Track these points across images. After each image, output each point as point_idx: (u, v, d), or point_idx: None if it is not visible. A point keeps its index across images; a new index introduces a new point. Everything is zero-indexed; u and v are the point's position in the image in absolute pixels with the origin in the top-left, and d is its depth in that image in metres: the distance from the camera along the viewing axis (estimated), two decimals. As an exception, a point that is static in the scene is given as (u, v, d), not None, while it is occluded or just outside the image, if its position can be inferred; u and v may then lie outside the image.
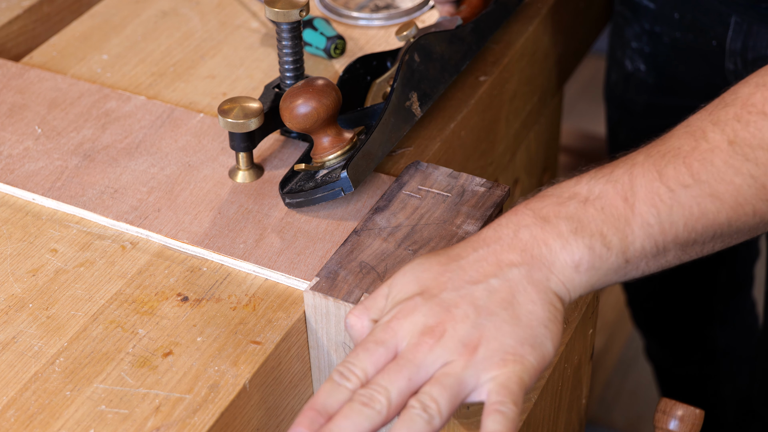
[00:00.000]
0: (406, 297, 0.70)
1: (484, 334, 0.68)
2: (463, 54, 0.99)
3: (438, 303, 0.69)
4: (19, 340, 0.78)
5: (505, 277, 0.70)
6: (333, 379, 0.67)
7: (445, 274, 0.70)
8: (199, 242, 0.85)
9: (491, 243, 0.71)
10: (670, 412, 0.93)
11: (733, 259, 1.46)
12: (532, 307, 0.69)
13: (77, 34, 1.10)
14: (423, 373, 0.67)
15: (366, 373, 0.68)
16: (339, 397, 0.67)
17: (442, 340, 0.67)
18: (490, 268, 0.70)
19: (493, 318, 0.68)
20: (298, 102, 0.85)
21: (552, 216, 0.71)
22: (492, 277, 0.70)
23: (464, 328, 0.68)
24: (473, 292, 0.69)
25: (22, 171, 0.92)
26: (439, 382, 0.66)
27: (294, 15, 0.87)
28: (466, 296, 0.69)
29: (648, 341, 1.63)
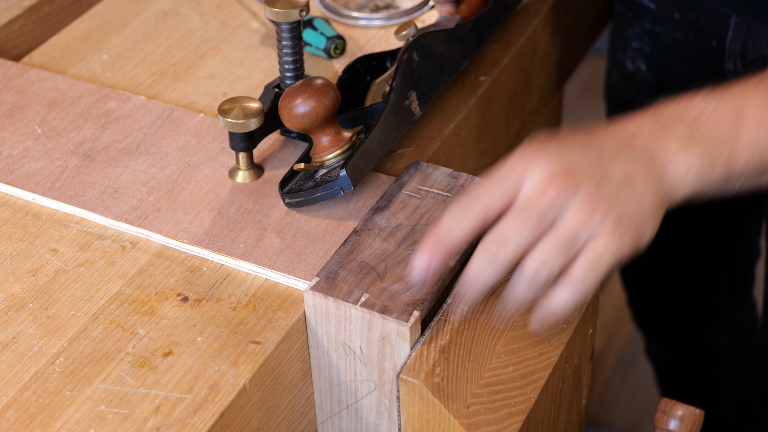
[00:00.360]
0: (529, 150, 0.74)
1: (606, 199, 0.72)
2: (463, 53, 0.99)
3: (565, 164, 0.73)
4: (19, 340, 0.78)
5: (624, 170, 0.74)
6: (459, 207, 0.73)
7: (571, 152, 0.74)
8: (199, 242, 0.85)
9: (611, 140, 0.76)
10: (670, 412, 0.93)
11: (734, 258, 1.46)
12: (645, 198, 0.74)
13: (77, 34, 1.10)
14: (547, 220, 0.71)
15: (490, 209, 0.72)
16: (463, 224, 0.73)
17: (567, 191, 0.72)
18: (609, 159, 0.75)
19: (615, 190, 0.73)
20: (297, 102, 0.85)
21: (666, 128, 0.77)
22: (611, 165, 0.74)
23: (590, 186, 0.72)
24: (596, 169, 0.73)
25: (22, 171, 0.92)
26: (558, 239, 0.72)
27: (294, 15, 0.87)
28: (592, 163, 0.73)
29: (648, 341, 1.63)
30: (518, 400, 0.79)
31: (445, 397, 0.76)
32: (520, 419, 0.78)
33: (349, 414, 0.84)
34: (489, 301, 0.81)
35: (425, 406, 0.76)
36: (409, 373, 0.76)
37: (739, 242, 1.44)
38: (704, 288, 1.50)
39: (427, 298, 0.78)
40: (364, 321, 0.78)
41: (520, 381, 0.79)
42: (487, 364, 0.78)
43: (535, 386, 0.80)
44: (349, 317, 0.78)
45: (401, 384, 0.77)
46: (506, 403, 0.78)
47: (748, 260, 1.50)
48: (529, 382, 0.80)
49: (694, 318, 1.53)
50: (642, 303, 1.59)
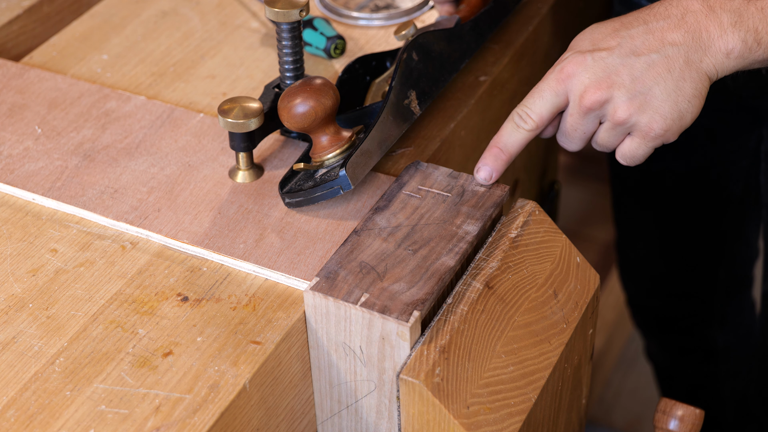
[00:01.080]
0: (581, 50, 0.86)
1: (635, 106, 0.84)
2: (462, 53, 0.99)
3: (604, 68, 0.84)
4: (19, 340, 0.78)
5: (665, 54, 0.83)
6: (513, 120, 0.87)
7: (615, 38, 0.85)
8: (199, 242, 0.85)
9: (660, 19, 0.85)
10: (670, 412, 0.93)
11: (732, 259, 1.46)
12: (682, 83, 0.83)
13: (77, 34, 1.10)
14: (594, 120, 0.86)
15: (541, 117, 0.86)
16: (517, 137, 0.87)
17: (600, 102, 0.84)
18: (654, 43, 0.84)
19: (646, 93, 0.83)
20: (296, 101, 0.85)
21: (717, 7, 0.84)
22: (654, 51, 0.84)
23: (620, 96, 0.84)
24: (634, 64, 0.84)
25: (22, 171, 0.92)
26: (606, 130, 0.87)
27: (294, 15, 0.87)
28: (628, 66, 0.84)
29: (648, 341, 1.63)
30: (518, 400, 0.79)
31: (445, 397, 0.76)
32: (520, 419, 0.78)
33: (349, 414, 0.84)
34: (489, 301, 0.81)
35: (425, 406, 0.76)
36: (409, 373, 0.76)
37: (737, 243, 1.44)
38: (703, 289, 1.50)
39: (427, 298, 0.78)
40: (364, 321, 0.78)
41: (520, 381, 0.79)
42: (487, 364, 0.78)
43: (535, 386, 0.80)
44: (349, 317, 0.78)
45: (401, 384, 0.77)
46: (506, 403, 0.78)
47: (747, 261, 1.50)
48: (529, 382, 0.80)
49: (693, 318, 1.53)
50: (641, 303, 1.59)
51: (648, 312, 1.58)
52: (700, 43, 0.83)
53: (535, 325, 0.82)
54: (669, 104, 0.84)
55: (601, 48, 0.85)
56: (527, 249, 0.85)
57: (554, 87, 0.86)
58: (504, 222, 0.87)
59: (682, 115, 0.84)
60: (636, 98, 0.84)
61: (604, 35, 0.86)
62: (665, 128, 0.84)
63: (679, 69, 0.83)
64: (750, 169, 1.34)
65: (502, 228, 0.86)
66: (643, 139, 0.86)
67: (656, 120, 0.84)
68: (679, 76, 0.84)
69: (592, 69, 0.85)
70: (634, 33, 0.85)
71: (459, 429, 0.76)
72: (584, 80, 0.85)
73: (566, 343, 0.83)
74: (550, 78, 0.86)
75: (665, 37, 0.84)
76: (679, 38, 0.84)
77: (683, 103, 0.84)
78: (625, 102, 0.84)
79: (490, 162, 0.87)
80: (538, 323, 0.82)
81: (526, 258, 0.85)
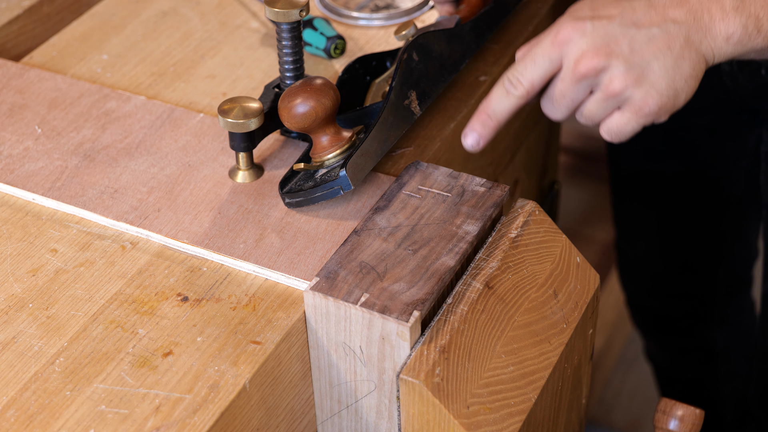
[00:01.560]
0: (580, 15, 0.82)
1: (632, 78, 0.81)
2: (462, 53, 0.99)
3: (603, 35, 0.81)
4: (19, 340, 0.78)
5: (667, 30, 0.81)
6: (503, 85, 0.83)
7: (617, 7, 0.82)
8: (199, 242, 0.85)
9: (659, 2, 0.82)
10: (670, 412, 0.93)
11: (732, 259, 1.46)
12: (681, 62, 0.81)
13: (77, 34, 1.10)
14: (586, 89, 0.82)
15: (533, 84, 0.83)
16: (507, 103, 0.84)
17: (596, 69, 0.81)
18: (656, 17, 0.82)
19: (644, 66, 0.81)
20: (297, 101, 0.85)
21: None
22: (655, 26, 0.81)
23: (618, 66, 0.81)
24: (635, 35, 0.81)
25: (22, 171, 0.92)
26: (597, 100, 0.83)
27: (294, 15, 0.87)
28: (628, 36, 0.81)
29: (647, 341, 1.63)
30: (518, 400, 0.79)
31: (445, 397, 0.76)
32: (520, 419, 0.78)
33: (349, 414, 0.84)
34: (489, 301, 0.81)
35: (425, 406, 0.76)
36: (409, 373, 0.76)
37: (737, 243, 1.44)
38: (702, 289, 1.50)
39: (427, 298, 0.78)
40: (364, 321, 0.78)
41: (520, 381, 0.80)
42: (487, 364, 0.78)
43: (535, 386, 0.80)
44: (349, 317, 0.78)
45: (401, 384, 0.77)
46: (506, 403, 0.78)
47: (746, 261, 1.50)
48: (529, 382, 0.80)
49: (693, 319, 1.53)
50: (641, 304, 1.59)
51: (648, 312, 1.58)
52: (701, 24, 0.82)
53: (535, 325, 0.82)
54: (666, 81, 0.81)
55: (601, 16, 0.82)
56: (527, 249, 0.85)
57: (548, 52, 0.83)
58: (504, 222, 0.87)
59: (677, 94, 0.82)
60: (633, 70, 0.81)
61: (605, 3, 0.83)
62: (660, 105, 0.82)
63: (679, 47, 0.81)
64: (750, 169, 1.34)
65: (502, 228, 0.86)
66: (634, 114, 0.82)
67: (652, 95, 0.81)
68: (678, 54, 0.81)
69: (591, 35, 0.81)
70: (636, 5, 0.82)
71: (459, 429, 0.76)
72: (582, 45, 0.81)
73: (566, 343, 0.83)
74: (545, 42, 0.83)
75: (667, 14, 0.82)
76: (681, 16, 0.82)
77: (680, 81, 0.82)
78: (622, 73, 0.81)
79: (478, 128, 0.85)
80: (538, 323, 0.83)
81: (526, 258, 0.85)
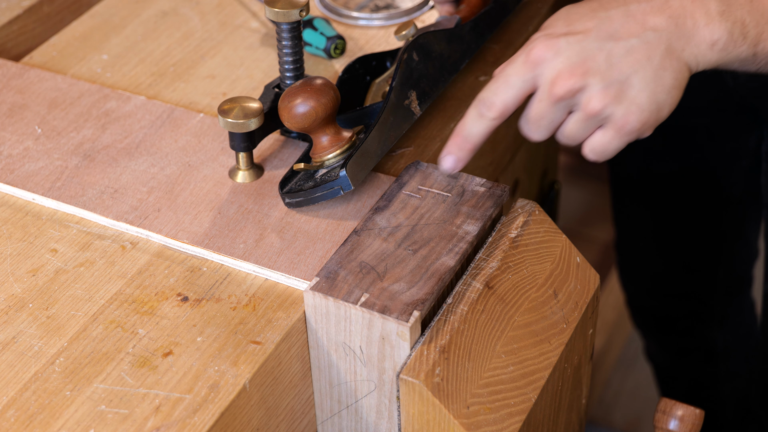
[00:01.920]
0: (554, 32, 0.78)
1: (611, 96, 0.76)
2: (462, 53, 0.99)
3: (578, 52, 0.77)
4: (19, 340, 0.78)
5: (646, 39, 0.76)
6: (477, 107, 0.80)
7: (593, 20, 0.78)
8: (199, 242, 0.85)
9: (642, 1, 0.78)
10: (670, 412, 0.93)
11: (732, 259, 1.46)
12: (662, 73, 0.77)
13: (77, 34, 1.10)
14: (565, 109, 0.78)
15: (506, 106, 0.79)
16: (481, 126, 0.80)
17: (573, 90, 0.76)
18: (634, 27, 0.77)
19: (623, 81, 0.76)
20: (297, 101, 0.85)
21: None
22: (633, 36, 0.77)
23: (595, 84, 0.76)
24: (612, 49, 0.76)
25: (22, 171, 0.92)
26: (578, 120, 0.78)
27: (294, 15, 0.87)
28: (605, 50, 0.76)
29: (647, 341, 1.63)
30: (518, 400, 0.79)
31: (445, 397, 0.76)
32: (520, 419, 0.78)
33: (349, 414, 0.84)
34: (489, 301, 0.81)
35: (425, 406, 0.76)
36: (409, 373, 0.76)
37: (737, 243, 1.44)
38: (702, 289, 1.50)
39: (427, 298, 0.78)
40: (364, 321, 0.78)
41: (520, 381, 0.80)
42: (487, 364, 0.78)
43: (535, 386, 0.80)
44: (349, 317, 0.78)
45: (401, 384, 0.77)
46: (506, 403, 0.78)
47: (746, 261, 1.50)
48: (529, 382, 0.80)
49: (693, 319, 1.53)
50: (641, 303, 1.59)
51: (648, 312, 1.58)
52: (683, 31, 0.77)
53: (535, 325, 0.82)
54: (647, 95, 0.77)
55: (576, 30, 0.78)
56: (527, 249, 0.85)
57: (522, 72, 0.78)
58: (504, 222, 0.87)
59: (659, 108, 0.78)
60: (612, 87, 0.77)
61: (579, 15, 0.79)
62: (642, 121, 0.77)
63: (659, 57, 0.77)
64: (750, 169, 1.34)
65: (502, 228, 0.86)
66: (617, 132, 0.78)
67: (633, 112, 0.77)
68: (659, 64, 0.77)
69: (565, 53, 0.77)
70: (613, 15, 0.78)
71: (459, 429, 0.76)
72: (556, 65, 0.77)
73: (566, 343, 0.83)
74: (518, 62, 0.79)
75: (646, 21, 0.77)
76: (661, 23, 0.77)
77: (662, 94, 0.77)
78: (600, 91, 0.77)
79: (455, 151, 0.82)
80: (538, 323, 0.83)
81: (526, 258, 0.85)
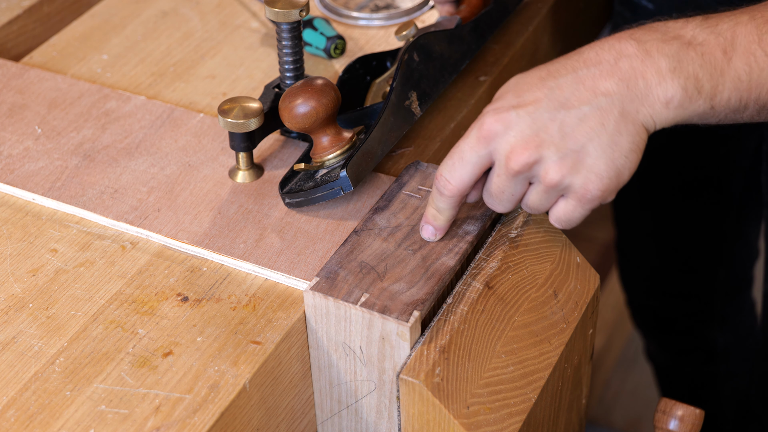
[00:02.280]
0: (503, 105, 0.77)
1: (568, 166, 0.75)
2: (463, 53, 0.99)
3: (530, 125, 0.75)
4: (19, 340, 0.78)
5: (598, 105, 0.75)
6: (435, 185, 0.80)
7: (542, 89, 0.76)
8: (199, 242, 0.85)
9: (591, 66, 0.76)
10: (670, 412, 0.93)
11: (732, 259, 1.47)
12: (618, 138, 0.75)
13: (77, 34, 1.10)
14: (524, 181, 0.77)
15: (463, 182, 0.78)
16: (444, 203, 0.80)
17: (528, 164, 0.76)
18: (585, 94, 0.75)
19: (578, 150, 0.75)
20: (297, 102, 0.85)
21: (654, 51, 0.75)
22: (585, 104, 0.75)
23: (550, 155, 0.75)
24: (564, 118, 0.75)
25: (22, 171, 0.92)
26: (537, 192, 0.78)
27: (294, 15, 0.87)
28: (557, 120, 0.75)
29: (647, 341, 1.63)
30: (518, 400, 0.79)
31: (445, 397, 0.76)
32: (520, 419, 0.78)
33: (349, 414, 0.84)
34: (489, 301, 0.81)
35: (425, 406, 0.76)
36: (409, 373, 0.76)
37: (737, 243, 1.44)
38: (703, 289, 1.50)
39: (427, 298, 0.78)
40: (364, 321, 0.78)
41: (520, 381, 0.79)
42: (487, 364, 0.78)
43: (535, 386, 0.80)
44: (349, 317, 0.78)
45: (401, 384, 0.77)
46: (506, 403, 0.78)
47: (747, 261, 1.50)
48: (529, 382, 0.80)
49: (693, 319, 1.53)
50: (641, 303, 1.59)
51: (648, 312, 1.58)
52: (636, 92, 0.75)
53: (535, 325, 0.82)
54: (604, 162, 0.75)
55: (525, 102, 0.76)
56: (527, 249, 0.85)
57: (476, 148, 0.77)
58: (504, 222, 0.87)
59: (619, 173, 0.76)
60: (568, 157, 0.75)
61: (529, 86, 0.77)
62: (602, 188, 0.76)
63: (614, 122, 0.75)
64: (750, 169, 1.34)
65: (502, 228, 0.86)
66: (578, 201, 0.77)
67: (592, 180, 0.75)
68: (614, 129, 0.75)
69: (517, 126, 0.75)
70: (562, 83, 0.76)
71: (459, 429, 0.76)
72: (509, 140, 0.76)
73: (566, 343, 0.83)
74: (471, 138, 0.78)
75: (597, 86, 0.75)
76: (612, 87, 0.75)
77: (620, 159, 0.75)
78: (556, 162, 0.75)
79: (431, 222, 0.82)
80: (538, 323, 0.82)
81: (526, 258, 0.85)
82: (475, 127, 0.77)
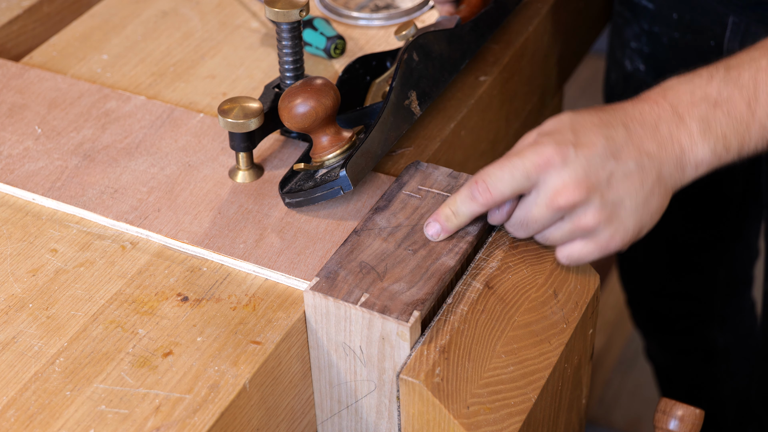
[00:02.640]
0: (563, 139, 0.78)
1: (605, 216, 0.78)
2: (463, 53, 0.99)
3: (585, 166, 0.77)
4: (19, 340, 0.78)
5: (641, 164, 0.79)
6: (471, 188, 0.80)
7: (598, 136, 0.78)
8: (199, 242, 0.85)
9: (638, 125, 0.80)
10: (670, 412, 0.93)
11: (732, 259, 1.46)
12: (651, 198, 0.79)
13: (77, 34, 1.10)
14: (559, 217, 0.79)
15: (503, 197, 0.79)
16: (470, 207, 0.80)
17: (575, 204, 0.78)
18: (633, 151, 0.78)
19: (617, 203, 0.78)
20: (297, 101, 0.85)
21: (686, 115, 0.79)
22: (632, 159, 0.78)
23: (594, 202, 0.78)
24: (614, 169, 0.78)
25: (22, 171, 0.92)
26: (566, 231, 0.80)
27: (294, 15, 0.87)
28: (607, 170, 0.78)
29: (647, 341, 1.63)
30: (518, 400, 0.79)
31: (445, 397, 0.76)
32: (520, 419, 0.78)
33: (349, 414, 0.84)
34: (489, 301, 0.81)
35: (425, 406, 0.76)
36: (409, 373, 0.76)
37: (738, 243, 1.44)
38: (703, 289, 1.50)
39: (427, 298, 0.78)
40: (364, 321, 0.78)
41: (520, 381, 0.80)
42: (487, 364, 0.78)
43: (535, 386, 0.80)
44: (349, 317, 0.78)
45: (401, 384, 0.77)
46: (506, 403, 0.78)
47: (747, 261, 1.50)
48: (529, 382, 0.80)
49: (693, 319, 1.53)
50: (641, 303, 1.59)
51: (648, 312, 1.58)
52: (671, 158, 0.79)
53: (535, 325, 0.82)
54: (634, 219, 0.79)
55: (583, 143, 0.78)
56: (527, 249, 0.85)
57: (529, 170, 0.78)
58: (504, 222, 0.87)
59: (641, 229, 0.80)
60: (607, 207, 0.78)
61: (585, 129, 0.79)
62: (624, 242, 0.80)
63: (651, 183, 0.79)
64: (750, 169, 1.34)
65: (502, 228, 0.86)
66: (598, 247, 0.80)
67: (619, 233, 0.79)
68: (649, 190, 0.79)
69: (572, 165, 0.77)
70: (615, 135, 0.79)
71: (459, 429, 0.76)
72: (563, 176, 0.77)
73: (566, 343, 0.83)
74: (527, 159, 0.78)
75: (643, 146, 0.79)
76: (654, 149, 0.79)
77: (646, 218, 0.80)
78: (597, 209, 0.78)
79: (441, 221, 0.82)
80: (538, 323, 0.82)
81: (526, 258, 0.85)
82: (532, 151, 0.78)
